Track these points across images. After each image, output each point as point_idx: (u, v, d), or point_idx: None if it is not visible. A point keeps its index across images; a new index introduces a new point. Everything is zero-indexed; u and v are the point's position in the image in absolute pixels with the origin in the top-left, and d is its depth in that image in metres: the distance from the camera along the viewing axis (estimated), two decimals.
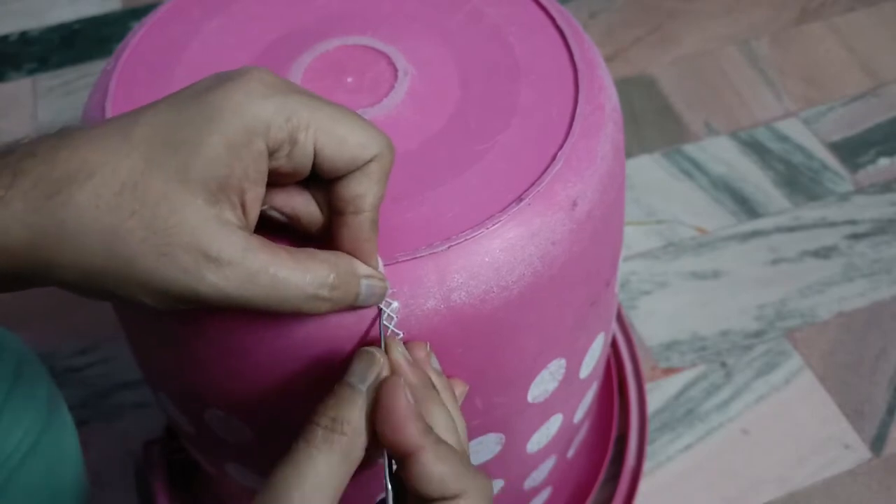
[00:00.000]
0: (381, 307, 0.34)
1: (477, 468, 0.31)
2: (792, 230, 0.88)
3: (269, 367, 0.37)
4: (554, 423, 0.48)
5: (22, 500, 0.45)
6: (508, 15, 0.46)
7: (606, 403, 0.71)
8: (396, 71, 0.42)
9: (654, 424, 0.73)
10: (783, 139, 0.97)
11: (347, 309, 0.33)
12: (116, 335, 0.73)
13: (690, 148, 0.96)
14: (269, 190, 0.31)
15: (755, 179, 0.93)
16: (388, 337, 0.33)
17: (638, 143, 0.96)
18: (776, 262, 0.85)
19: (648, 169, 0.94)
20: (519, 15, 0.46)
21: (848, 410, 0.74)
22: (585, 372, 0.48)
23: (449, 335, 0.36)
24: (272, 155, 0.29)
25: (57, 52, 1.11)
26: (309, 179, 0.32)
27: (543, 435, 0.48)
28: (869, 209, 0.89)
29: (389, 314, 0.34)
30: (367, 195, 0.31)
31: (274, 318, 0.34)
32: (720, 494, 0.69)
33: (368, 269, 0.32)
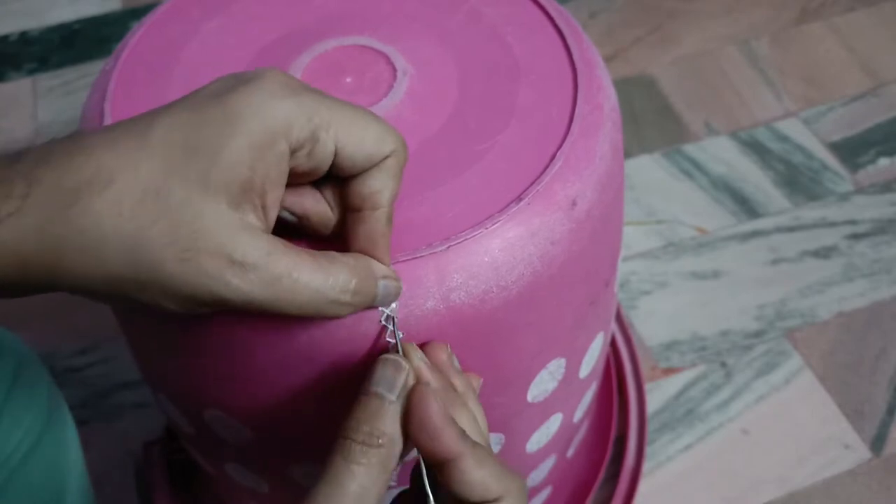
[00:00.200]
0: (381, 308, 0.34)
1: (511, 467, 0.31)
2: (792, 230, 0.88)
3: (269, 368, 0.37)
4: (553, 422, 0.48)
5: (22, 500, 0.45)
6: (507, 15, 0.46)
7: (606, 403, 0.72)
8: (395, 71, 0.42)
9: (654, 424, 0.73)
10: (783, 139, 0.97)
11: (364, 309, 0.33)
12: (116, 335, 0.73)
13: (690, 148, 0.96)
14: None
15: (755, 179, 0.93)
16: (404, 342, 0.33)
17: (638, 143, 0.96)
18: (776, 262, 0.85)
19: (648, 169, 0.94)
20: (518, 15, 0.46)
21: (848, 410, 0.74)
22: (585, 371, 0.48)
23: (448, 335, 0.36)
24: (293, 154, 0.29)
25: (57, 52, 1.11)
26: (320, 180, 0.32)
27: (543, 434, 0.48)
28: (869, 209, 0.89)
29: (389, 314, 0.34)
30: (384, 191, 0.31)
31: (276, 320, 0.34)
32: (720, 494, 0.69)
33: (384, 268, 0.32)
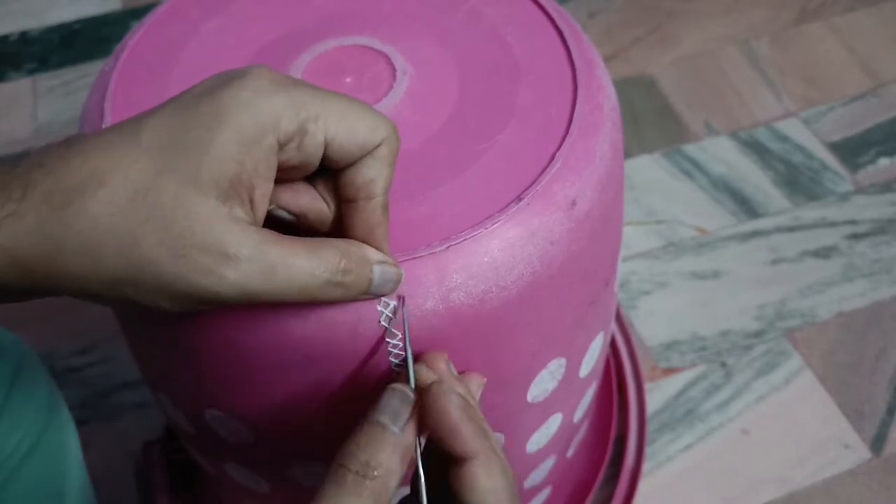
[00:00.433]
0: (381, 308, 0.34)
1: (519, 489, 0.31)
2: (792, 230, 0.87)
3: (269, 368, 0.37)
4: (553, 422, 0.48)
5: (22, 500, 0.45)
6: (507, 15, 0.46)
7: (606, 403, 0.71)
8: (395, 71, 0.42)
9: (653, 424, 0.73)
10: (783, 139, 0.97)
11: (364, 297, 0.33)
12: (116, 335, 0.73)
13: (690, 148, 0.96)
14: (275, 189, 0.31)
15: (755, 179, 0.92)
16: (429, 354, 0.33)
17: (638, 143, 0.96)
18: (776, 262, 0.85)
19: (648, 169, 0.94)
20: (518, 15, 0.46)
21: (848, 410, 0.74)
22: (585, 371, 0.48)
23: (448, 335, 0.36)
24: (282, 148, 0.29)
25: (57, 52, 1.11)
26: (313, 176, 0.32)
27: (543, 434, 0.48)
28: (869, 209, 0.89)
29: (388, 315, 0.34)
30: (378, 179, 0.31)
31: (274, 318, 0.34)
32: (720, 494, 0.69)
33: (380, 254, 0.32)
